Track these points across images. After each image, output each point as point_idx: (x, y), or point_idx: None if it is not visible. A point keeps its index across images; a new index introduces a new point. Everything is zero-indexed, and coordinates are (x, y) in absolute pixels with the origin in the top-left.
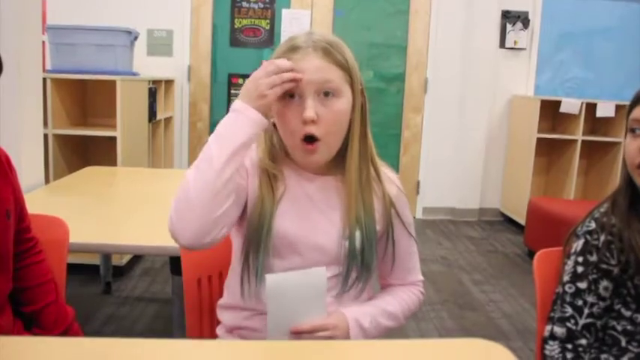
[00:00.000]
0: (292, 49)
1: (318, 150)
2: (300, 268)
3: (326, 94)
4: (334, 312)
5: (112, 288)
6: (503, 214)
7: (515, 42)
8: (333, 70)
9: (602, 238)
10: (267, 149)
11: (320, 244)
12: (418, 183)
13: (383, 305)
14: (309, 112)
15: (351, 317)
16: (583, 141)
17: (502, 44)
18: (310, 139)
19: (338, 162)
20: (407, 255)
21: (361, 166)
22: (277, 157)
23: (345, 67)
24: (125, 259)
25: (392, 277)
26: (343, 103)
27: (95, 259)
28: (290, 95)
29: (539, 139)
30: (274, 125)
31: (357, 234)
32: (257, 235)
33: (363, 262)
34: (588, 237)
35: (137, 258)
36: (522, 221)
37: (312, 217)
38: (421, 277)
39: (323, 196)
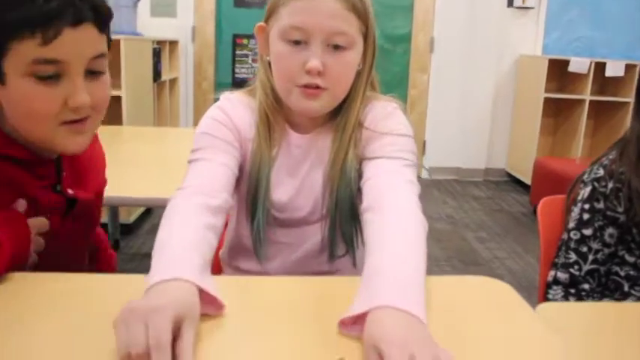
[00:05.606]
0: None
1: (320, 96)
2: (292, 222)
3: (336, 47)
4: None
5: (120, 245)
6: (509, 174)
7: (523, 1)
8: (349, 18)
9: (610, 185)
10: (265, 95)
11: (303, 204)
12: (424, 143)
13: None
14: (315, 62)
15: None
16: (591, 101)
17: (510, 3)
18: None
19: (335, 109)
20: (389, 173)
21: (359, 116)
22: (270, 108)
23: (362, 16)
24: (133, 216)
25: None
26: (353, 54)
27: (103, 218)
28: (295, 41)
29: (546, 99)
30: (269, 64)
31: (343, 184)
32: (255, 197)
33: (352, 211)
34: (596, 184)
35: (145, 215)
36: (528, 181)
37: (298, 178)
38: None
39: (311, 153)
